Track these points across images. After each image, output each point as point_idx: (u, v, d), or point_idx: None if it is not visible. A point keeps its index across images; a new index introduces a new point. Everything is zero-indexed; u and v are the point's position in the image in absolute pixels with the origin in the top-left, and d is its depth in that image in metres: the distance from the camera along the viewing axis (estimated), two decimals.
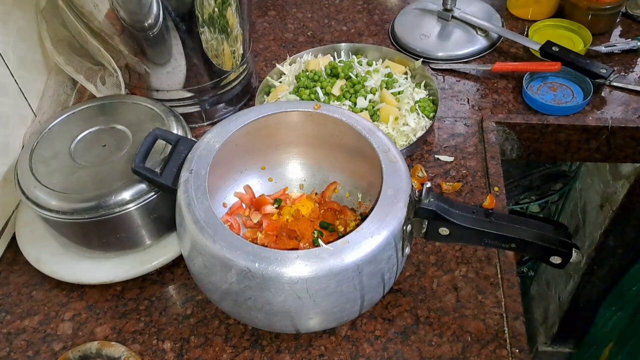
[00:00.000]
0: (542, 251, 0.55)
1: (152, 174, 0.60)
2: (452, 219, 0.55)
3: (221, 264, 0.51)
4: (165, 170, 0.60)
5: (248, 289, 0.51)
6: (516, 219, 0.56)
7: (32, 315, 0.68)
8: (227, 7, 0.76)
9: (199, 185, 0.56)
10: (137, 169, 0.60)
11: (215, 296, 0.57)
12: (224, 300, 0.56)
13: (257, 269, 0.50)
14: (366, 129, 0.62)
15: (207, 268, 0.53)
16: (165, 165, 0.60)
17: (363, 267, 0.52)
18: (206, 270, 0.54)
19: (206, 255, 0.52)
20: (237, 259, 0.50)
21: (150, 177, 0.60)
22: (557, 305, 1.41)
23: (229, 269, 0.51)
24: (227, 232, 0.52)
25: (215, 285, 0.54)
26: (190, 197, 0.55)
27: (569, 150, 0.90)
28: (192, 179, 0.56)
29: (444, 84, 0.95)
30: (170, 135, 0.63)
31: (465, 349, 0.62)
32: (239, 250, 0.51)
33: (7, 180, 0.74)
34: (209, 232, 0.52)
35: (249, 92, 0.93)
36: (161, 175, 0.59)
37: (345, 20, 1.10)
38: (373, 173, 0.59)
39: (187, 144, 0.62)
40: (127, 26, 0.73)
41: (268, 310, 0.53)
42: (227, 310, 0.60)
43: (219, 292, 0.55)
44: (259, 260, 0.50)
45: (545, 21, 1.02)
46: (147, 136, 0.62)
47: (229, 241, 0.51)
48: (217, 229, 0.52)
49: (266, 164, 0.71)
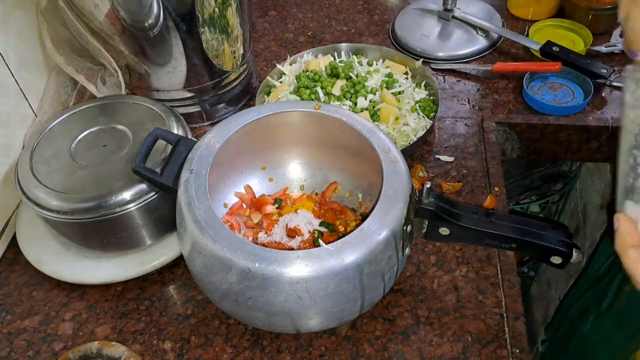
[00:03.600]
0: (543, 251, 0.55)
1: (152, 174, 0.60)
2: (453, 219, 0.55)
3: (221, 264, 0.51)
4: (165, 170, 0.60)
5: (248, 289, 0.51)
6: (516, 219, 0.56)
7: (33, 315, 0.68)
8: (228, 7, 0.76)
9: (200, 185, 0.56)
10: (137, 169, 0.60)
11: (215, 296, 0.57)
12: (224, 301, 0.56)
13: (257, 269, 0.50)
14: (366, 129, 0.62)
15: (208, 268, 0.53)
16: (165, 165, 0.60)
17: (363, 267, 0.52)
18: (206, 271, 0.54)
19: (206, 255, 0.52)
20: (237, 259, 0.50)
21: (151, 177, 0.60)
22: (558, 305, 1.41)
23: (229, 269, 0.51)
24: (227, 232, 0.52)
25: (216, 285, 0.54)
26: (191, 197, 0.55)
27: (570, 150, 0.90)
28: (192, 178, 0.56)
29: (445, 84, 0.95)
30: (170, 135, 0.63)
31: (465, 349, 0.62)
32: (240, 250, 0.51)
33: (8, 180, 0.74)
34: (209, 232, 0.52)
35: (250, 92, 0.93)
36: (162, 175, 0.59)
37: (345, 20, 1.10)
38: (373, 173, 0.59)
39: (187, 144, 0.62)
40: (128, 26, 0.73)
41: (268, 311, 0.53)
42: (227, 311, 0.60)
43: (219, 292, 0.55)
44: (260, 260, 0.50)
45: (545, 21, 1.01)
46: (148, 136, 0.62)
47: (230, 241, 0.51)
48: (217, 229, 0.52)
49: (266, 164, 0.71)
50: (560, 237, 0.54)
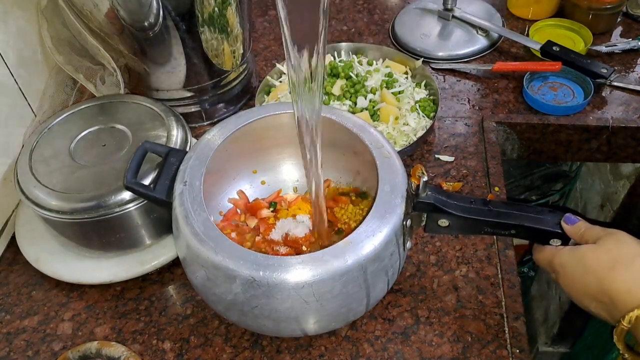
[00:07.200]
0: (542, 235, 0.56)
1: (145, 189, 0.59)
2: (451, 210, 0.56)
3: (225, 275, 0.51)
4: (157, 183, 0.59)
5: (254, 298, 0.51)
6: (514, 206, 0.56)
7: (32, 315, 0.68)
8: (227, 6, 0.76)
9: (195, 197, 0.55)
10: (129, 185, 0.59)
11: (220, 307, 0.56)
12: (229, 311, 0.56)
13: (261, 277, 0.49)
14: (357, 126, 0.61)
15: (211, 280, 0.53)
16: (157, 178, 0.60)
17: (367, 266, 0.52)
18: (210, 283, 0.53)
19: (209, 268, 0.52)
20: (240, 269, 0.50)
21: (144, 192, 0.59)
22: (558, 305, 1.41)
23: (233, 280, 0.50)
24: (228, 242, 0.52)
25: (220, 296, 0.54)
26: (187, 209, 0.54)
27: (570, 150, 0.90)
28: (186, 190, 0.56)
29: (445, 84, 0.94)
30: (159, 148, 0.63)
31: (465, 349, 0.62)
32: (242, 260, 0.50)
33: (7, 179, 0.74)
34: (209, 244, 0.51)
35: (249, 91, 0.93)
36: (154, 190, 0.59)
37: (345, 20, 1.10)
38: (367, 169, 0.59)
39: (177, 156, 0.61)
40: (127, 26, 0.73)
41: (276, 318, 0.53)
42: (234, 320, 0.59)
43: (224, 303, 0.55)
44: (263, 268, 0.50)
45: (545, 21, 1.01)
46: (137, 151, 0.61)
47: (231, 251, 0.51)
48: (217, 240, 0.52)
49: (257, 167, 0.71)
50: (558, 220, 0.55)
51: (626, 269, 0.48)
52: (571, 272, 0.52)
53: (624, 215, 1.13)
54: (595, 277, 0.50)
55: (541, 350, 1.50)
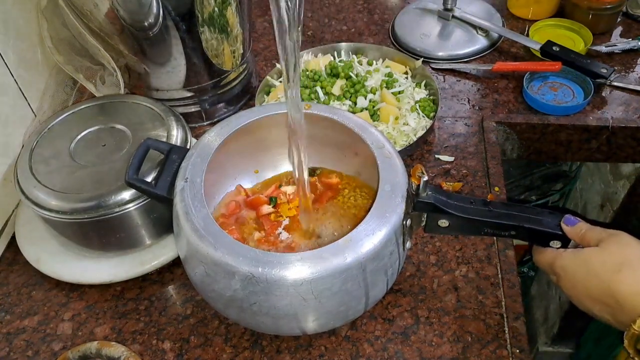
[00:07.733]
0: (542, 236, 0.56)
1: (146, 185, 0.59)
2: (451, 210, 0.56)
3: (224, 271, 0.51)
4: (159, 180, 0.59)
5: (253, 294, 0.51)
6: (514, 207, 0.57)
7: (32, 315, 0.68)
8: (227, 6, 0.76)
9: (195, 193, 0.55)
10: (130, 181, 0.59)
11: (219, 304, 0.56)
12: (228, 308, 0.56)
13: (260, 273, 0.49)
14: (359, 126, 0.61)
15: (210, 276, 0.53)
16: (159, 175, 0.60)
17: (366, 265, 0.52)
18: (209, 279, 0.53)
19: (208, 264, 0.52)
20: (239, 265, 0.50)
21: (145, 189, 0.59)
22: (558, 305, 1.41)
23: (232, 276, 0.51)
24: (227, 238, 0.52)
25: (219, 293, 0.54)
26: (188, 205, 0.54)
27: (570, 150, 0.90)
28: (187, 187, 0.56)
29: (445, 84, 0.94)
30: (162, 145, 0.63)
31: (465, 349, 0.62)
32: (242, 256, 0.50)
33: (7, 180, 0.74)
34: (209, 240, 0.51)
35: (249, 91, 0.93)
36: (156, 186, 0.59)
37: (345, 20, 1.10)
38: (368, 169, 0.59)
39: (179, 153, 0.61)
40: (127, 25, 0.73)
41: (274, 315, 0.53)
42: (232, 318, 0.59)
43: (223, 300, 0.55)
44: (262, 264, 0.50)
45: (545, 21, 1.01)
46: (139, 147, 0.61)
47: (231, 247, 0.51)
48: (217, 237, 0.52)
49: (259, 167, 0.71)
50: (558, 221, 0.55)
51: (633, 272, 0.48)
52: (573, 275, 0.52)
53: (624, 216, 1.13)
54: (599, 280, 0.49)
55: (541, 350, 1.50)
